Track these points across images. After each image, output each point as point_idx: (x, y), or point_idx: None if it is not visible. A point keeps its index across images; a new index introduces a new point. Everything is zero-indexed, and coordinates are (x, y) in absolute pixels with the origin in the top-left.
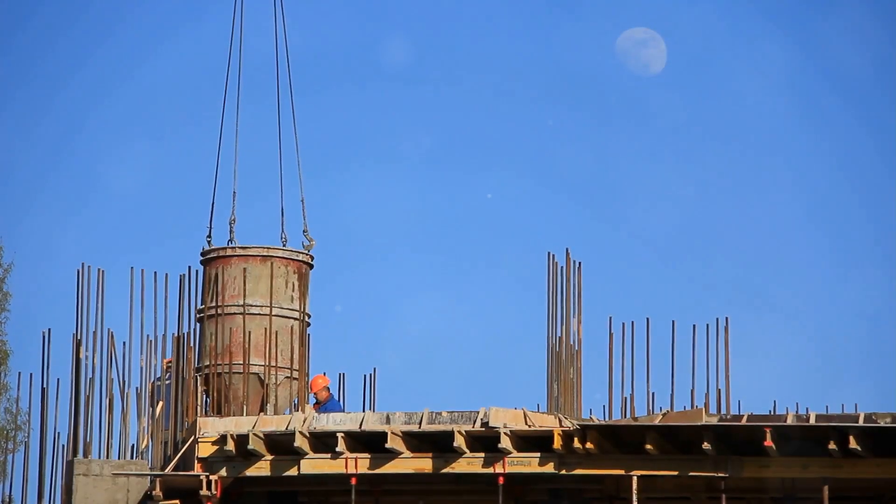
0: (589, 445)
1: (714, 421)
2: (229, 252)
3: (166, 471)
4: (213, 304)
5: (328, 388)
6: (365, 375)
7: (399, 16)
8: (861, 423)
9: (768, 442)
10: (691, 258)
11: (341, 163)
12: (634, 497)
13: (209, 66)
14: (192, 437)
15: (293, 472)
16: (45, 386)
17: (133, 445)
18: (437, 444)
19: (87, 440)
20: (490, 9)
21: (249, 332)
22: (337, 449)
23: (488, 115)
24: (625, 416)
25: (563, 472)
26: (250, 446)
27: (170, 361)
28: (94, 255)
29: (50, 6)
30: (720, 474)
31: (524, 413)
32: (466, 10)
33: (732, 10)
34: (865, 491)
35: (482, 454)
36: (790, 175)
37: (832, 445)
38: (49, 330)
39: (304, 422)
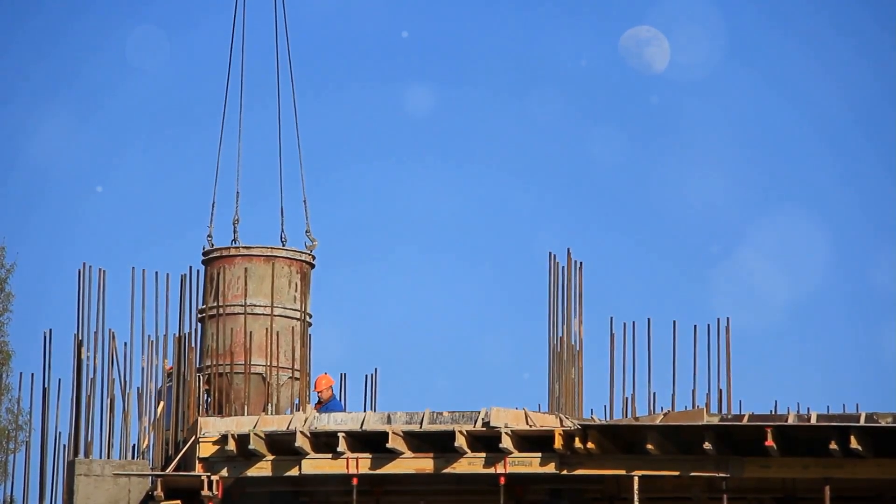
0: (590, 445)
1: (715, 421)
2: (232, 252)
3: (167, 471)
4: (215, 304)
5: (331, 389)
6: (366, 375)
7: (400, 13)
8: (862, 422)
9: (769, 442)
10: (692, 258)
11: (342, 162)
12: (636, 497)
13: (211, 65)
14: (194, 437)
15: (294, 472)
16: (46, 386)
17: (134, 445)
18: (438, 444)
19: (89, 440)
20: (493, 8)
21: (251, 333)
22: (338, 449)
23: (489, 115)
24: (626, 416)
25: (565, 472)
26: (251, 446)
27: (171, 369)
28: (96, 256)
29: (51, 4)
30: (721, 474)
31: (525, 413)
32: (469, 9)
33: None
34: (866, 491)
35: (483, 454)
36: (791, 173)
37: (833, 445)
38: (50, 330)
39: (305, 422)
